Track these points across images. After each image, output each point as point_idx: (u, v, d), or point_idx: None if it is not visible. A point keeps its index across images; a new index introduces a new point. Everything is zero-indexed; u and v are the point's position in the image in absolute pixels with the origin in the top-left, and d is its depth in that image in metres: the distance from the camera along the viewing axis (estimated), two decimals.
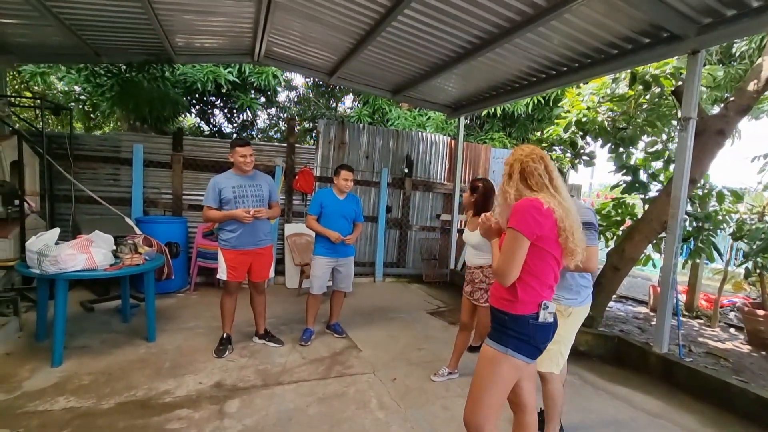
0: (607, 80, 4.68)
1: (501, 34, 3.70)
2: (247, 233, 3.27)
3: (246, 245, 3.29)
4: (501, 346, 1.64)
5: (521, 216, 1.60)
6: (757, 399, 2.72)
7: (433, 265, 6.71)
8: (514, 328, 1.63)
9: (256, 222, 3.27)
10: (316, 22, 4.25)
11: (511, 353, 1.62)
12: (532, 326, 1.62)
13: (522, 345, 1.63)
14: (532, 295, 1.63)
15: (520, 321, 1.62)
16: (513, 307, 1.63)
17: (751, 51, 5.02)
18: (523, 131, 8.66)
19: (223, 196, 3.23)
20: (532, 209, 1.59)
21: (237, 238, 3.26)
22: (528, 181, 1.69)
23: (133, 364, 3.02)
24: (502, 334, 1.66)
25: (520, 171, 1.70)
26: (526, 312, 1.62)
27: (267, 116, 9.55)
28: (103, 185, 5.36)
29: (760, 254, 3.82)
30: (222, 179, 3.28)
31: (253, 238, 3.32)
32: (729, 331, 4.82)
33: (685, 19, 2.99)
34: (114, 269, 3.07)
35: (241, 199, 3.25)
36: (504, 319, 1.66)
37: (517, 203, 1.65)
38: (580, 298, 2.24)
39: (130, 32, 4.59)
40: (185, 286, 5.11)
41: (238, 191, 3.26)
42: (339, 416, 2.52)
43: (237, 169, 3.31)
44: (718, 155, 3.69)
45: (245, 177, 3.33)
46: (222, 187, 3.23)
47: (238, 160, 3.26)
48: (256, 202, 3.31)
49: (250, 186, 3.32)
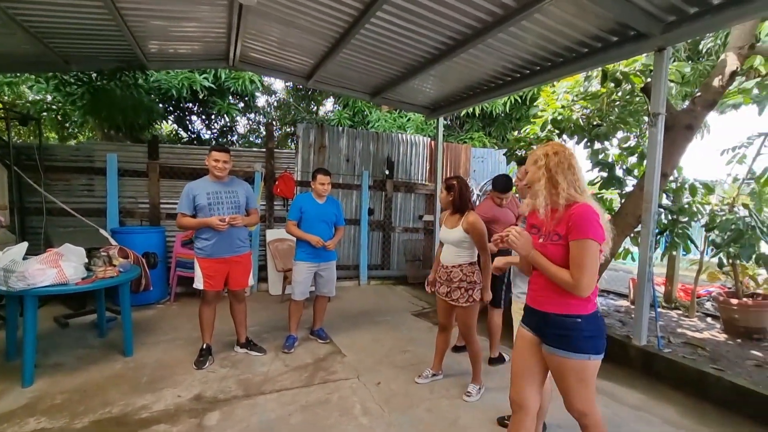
0: (580, 78, 4.77)
1: (474, 35, 3.73)
2: (223, 241, 3.21)
3: (222, 253, 3.23)
4: (582, 354, 1.63)
5: (592, 226, 1.59)
6: (732, 387, 2.78)
7: (417, 266, 6.72)
8: (588, 329, 1.64)
9: (232, 229, 3.20)
10: (289, 26, 4.22)
11: (594, 358, 1.65)
12: (600, 319, 1.69)
13: (597, 342, 1.65)
14: (595, 293, 1.69)
15: (591, 318, 1.66)
16: (585, 308, 1.65)
17: (717, 47, 5.19)
18: (502, 130, 8.76)
19: (198, 202, 3.16)
20: (595, 215, 1.61)
21: (212, 246, 3.19)
22: (574, 182, 1.66)
23: (109, 380, 2.93)
24: (580, 341, 1.64)
25: (568, 167, 1.67)
26: (594, 308, 1.68)
27: (247, 121, 9.45)
28: (77, 196, 5.22)
29: (732, 244, 3.93)
30: (196, 185, 3.21)
31: (229, 246, 3.25)
32: (706, 321, 4.93)
33: (651, 18, 3.06)
34: (86, 283, 2.98)
35: (216, 206, 3.19)
36: (577, 322, 1.64)
37: (577, 212, 1.61)
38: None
39: (100, 39, 4.48)
40: (165, 297, 5.00)
41: (213, 198, 3.19)
42: (322, 424, 2.49)
43: (212, 175, 3.25)
44: (688, 149, 3.80)
45: (221, 183, 3.27)
46: (196, 193, 3.17)
47: (212, 164, 3.20)
48: (232, 209, 3.25)
49: (225, 192, 3.25)
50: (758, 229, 3.79)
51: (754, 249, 3.80)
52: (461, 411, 2.68)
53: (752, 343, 4.09)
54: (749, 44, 3.45)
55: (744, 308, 4.27)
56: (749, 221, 3.89)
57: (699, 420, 2.66)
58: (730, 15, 2.77)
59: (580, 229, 1.58)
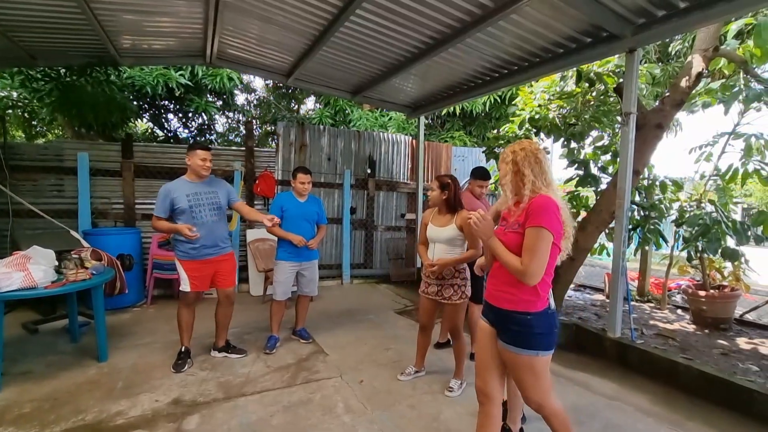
0: (556, 78, 4.88)
1: (453, 34, 3.77)
2: (205, 243, 3.11)
3: (206, 255, 3.14)
4: (531, 350, 1.68)
5: (547, 215, 1.62)
6: (700, 374, 2.91)
7: (400, 264, 6.74)
8: (538, 326, 1.68)
9: (212, 229, 3.13)
10: (268, 22, 4.17)
11: (542, 354, 1.69)
12: (551, 316, 1.71)
13: (546, 339, 1.69)
14: (547, 290, 1.71)
15: (542, 316, 1.69)
16: (535, 305, 1.68)
17: (685, 50, 5.39)
18: (482, 129, 8.88)
19: (177, 205, 3.04)
20: (554, 207, 1.64)
21: (196, 249, 3.10)
22: (539, 176, 1.71)
23: (82, 387, 2.83)
24: (527, 336, 1.69)
25: (535, 161, 1.72)
26: (545, 305, 1.70)
27: (226, 120, 9.27)
28: (46, 197, 5.02)
29: (699, 239, 4.10)
30: (174, 187, 3.09)
31: (212, 248, 3.17)
32: (677, 312, 5.14)
33: (622, 20, 3.16)
34: (56, 286, 2.88)
35: (197, 208, 3.09)
36: (528, 319, 1.68)
37: (536, 201, 1.66)
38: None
39: (68, 33, 4.31)
40: (141, 299, 4.86)
41: (193, 200, 3.08)
42: (304, 424, 2.47)
43: (193, 175, 3.14)
44: (659, 147, 3.93)
45: (200, 183, 3.17)
46: (174, 195, 3.04)
47: (197, 163, 3.08)
48: (213, 210, 3.16)
49: (205, 193, 3.16)
50: (723, 224, 3.97)
51: (720, 243, 3.98)
52: (443, 406, 2.72)
53: (719, 333, 4.29)
54: (713, 47, 3.60)
55: (711, 300, 4.46)
56: (715, 216, 4.07)
57: (670, 407, 2.77)
58: (696, 18, 2.89)
59: (536, 217, 1.63)
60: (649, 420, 2.60)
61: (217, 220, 3.19)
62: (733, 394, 2.72)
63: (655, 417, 2.64)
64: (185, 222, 3.03)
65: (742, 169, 4.05)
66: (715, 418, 2.63)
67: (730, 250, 4.08)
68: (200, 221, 3.08)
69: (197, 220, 3.07)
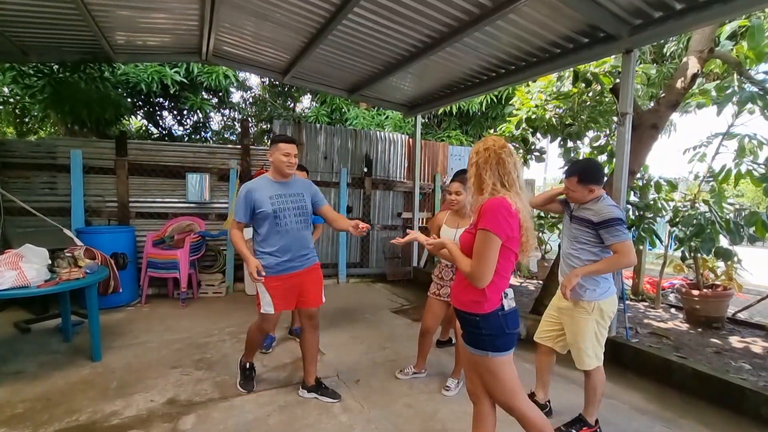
0: (553, 78, 4.89)
1: (451, 33, 3.76)
2: (292, 252, 2.60)
3: (293, 268, 2.62)
4: (481, 350, 1.69)
5: (493, 217, 1.59)
6: (694, 372, 2.94)
7: (396, 263, 6.74)
8: (486, 327, 1.67)
9: (299, 234, 2.64)
10: (264, 20, 4.14)
11: (492, 355, 1.67)
12: (502, 317, 1.67)
13: (498, 341, 1.67)
14: (497, 292, 1.68)
15: (490, 318, 1.66)
16: (482, 307, 1.67)
17: (680, 51, 5.43)
18: (478, 129, 8.89)
19: (261, 209, 2.52)
20: (503, 209, 1.60)
21: (281, 262, 2.57)
22: (502, 177, 1.68)
23: (76, 387, 2.80)
24: (477, 336, 1.69)
25: (497, 162, 1.68)
26: (494, 307, 1.67)
27: (221, 118, 9.21)
28: (38, 195, 4.95)
29: (694, 238, 4.14)
30: (257, 185, 2.59)
31: (300, 259, 2.64)
32: (670, 311, 5.19)
33: (619, 21, 3.18)
34: (49, 285, 2.84)
35: (282, 213, 2.56)
36: (476, 320, 1.68)
37: (486, 203, 1.65)
38: (599, 291, 2.29)
39: (61, 29, 4.26)
40: (136, 298, 4.82)
41: (277, 203, 2.55)
42: (300, 423, 2.47)
43: (276, 174, 2.62)
44: (654, 148, 3.95)
45: (283, 184, 2.63)
46: (257, 196, 2.54)
47: (280, 159, 2.55)
48: (300, 216, 2.64)
49: (290, 196, 2.62)
50: (717, 224, 4.00)
51: (713, 243, 4.01)
52: (440, 405, 2.72)
53: (712, 332, 4.33)
54: (708, 48, 3.62)
55: (704, 299, 4.51)
56: (709, 216, 4.11)
57: (663, 405, 2.79)
58: (691, 20, 2.91)
59: (482, 219, 1.62)
60: (644, 418, 2.63)
61: (303, 227, 2.67)
62: (725, 392, 2.75)
63: (649, 415, 2.66)
64: (269, 229, 2.57)
65: (735, 170, 4.09)
66: (708, 415, 2.66)
67: (724, 250, 4.12)
68: (284, 228, 2.58)
69: (281, 227, 2.57)
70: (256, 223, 2.60)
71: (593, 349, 2.31)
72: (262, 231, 2.60)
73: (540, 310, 4.20)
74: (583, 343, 2.31)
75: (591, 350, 2.31)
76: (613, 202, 2.39)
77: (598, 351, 2.33)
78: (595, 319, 2.30)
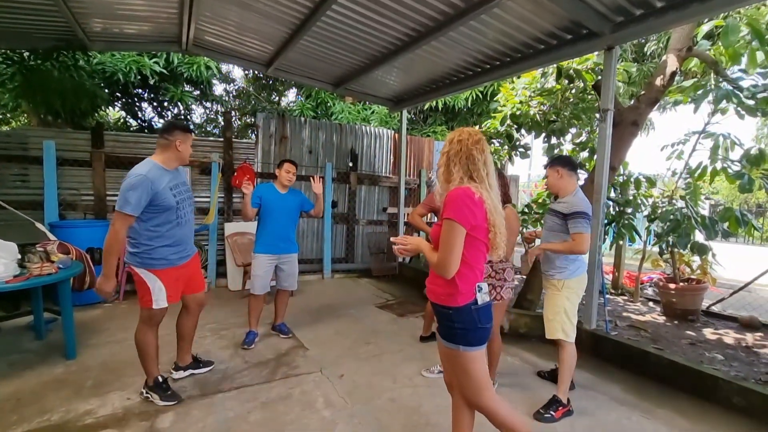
0: (537, 75, 4.93)
1: (436, 27, 3.75)
2: (186, 242, 2.68)
3: (185, 258, 2.68)
4: (453, 344, 1.68)
5: (456, 206, 1.60)
6: (670, 364, 3.02)
7: (381, 258, 6.73)
8: (458, 320, 1.66)
9: (189, 225, 2.73)
10: (247, 9, 4.04)
11: (463, 349, 1.66)
12: (474, 311, 1.66)
13: (469, 335, 1.66)
14: (469, 284, 1.67)
15: (463, 311, 1.66)
16: (455, 300, 1.66)
17: (660, 50, 5.54)
18: (464, 124, 8.91)
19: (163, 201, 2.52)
20: (466, 198, 1.61)
21: (176, 252, 2.60)
22: (471, 172, 1.68)
23: (48, 386, 2.71)
24: (449, 330, 1.69)
25: (467, 157, 1.68)
26: (467, 301, 1.66)
27: (203, 110, 9.02)
28: (8, 188, 4.77)
29: (671, 234, 4.24)
30: (154, 176, 2.48)
31: (190, 247, 2.74)
32: (648, 305, 5.32)
33: (601, 17, 3.21)
34: (18, 281, 2.73)
35: (181, 204, 2.62)
36: (449, 314, 1.68)
37: (450, 193, 1.66)
38: (568, 271, 2.62)
39: (31, 14, 4.07)
40: (113, 295, 4.67)
41: (177, 194, 2.61)
42: (282, 419, 2.43)
43: (174, 162, 2.66)
44: (633, 144, 4.03)
45: (175, 174, 2.67)
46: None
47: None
48: (191, 206, 2.78)
49: (183, 185, 2.74)
50: (693, 220, 4.11)
51: (689, 238, 4.12)
52: (424, 399, 2.72)
53: (687, 324, 4.46)
54: (687, 47, 3.70)
55: (680, 292, 4.63)
56: (686, 212, 4.21)
57: (641, 395, 2.86)
58: (671, 18, 2.97)
59: (446, 209, 1.62)
60: (622, 408, 2.68)
61: (192, 217, 2.81)
62: (700, 382, 2.83)
63: (627, 405, 2.72)
64: (165, 220, 2.57)
65: (710, 167, 4.20)
66: (684, 404, 2.73)
67: (699, 245, 4.23)
68: (183, 219, 2.66)
69: (181, 219, 2.63)
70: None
71: (561, 323, 2.62)
72: (158, 222, 2.50)
73: (523, 304, 4.26)
74: (552, 315, 2.66)
75: (558, 323, 2.62)
76: (584, 197, 2.68)
77: (566, 326, 2.62)
78: (565, 296, 2.64)
